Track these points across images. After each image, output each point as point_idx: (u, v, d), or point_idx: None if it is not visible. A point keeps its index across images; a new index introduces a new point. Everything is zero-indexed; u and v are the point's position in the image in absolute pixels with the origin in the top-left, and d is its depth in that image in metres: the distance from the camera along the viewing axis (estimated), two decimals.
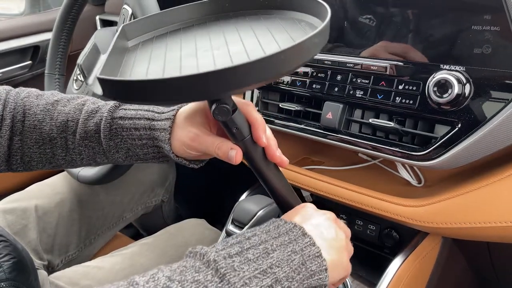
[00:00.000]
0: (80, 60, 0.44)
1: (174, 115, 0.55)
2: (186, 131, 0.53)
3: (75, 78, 1.01)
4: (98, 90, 0.40)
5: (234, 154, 0.49)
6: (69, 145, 0.61)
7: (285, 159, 0.53)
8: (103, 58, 0.47)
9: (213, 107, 0.45)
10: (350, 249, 0.53)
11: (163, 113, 0.57)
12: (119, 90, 0.38)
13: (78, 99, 0.63)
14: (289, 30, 0.47)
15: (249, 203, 0.72)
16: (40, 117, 0.61)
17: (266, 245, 0.42)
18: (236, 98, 0.50)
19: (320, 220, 0.50)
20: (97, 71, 0.44)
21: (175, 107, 0.57)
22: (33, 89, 0.66)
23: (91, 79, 0.43)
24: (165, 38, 0.55)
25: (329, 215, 0.52)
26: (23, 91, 0.64)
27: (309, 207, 0.53)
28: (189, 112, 0.55)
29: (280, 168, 0.55)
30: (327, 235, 0.48)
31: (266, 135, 0.50)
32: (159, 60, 0.47)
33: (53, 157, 0.62)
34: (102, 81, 0.38)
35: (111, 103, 0.60)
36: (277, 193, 0.55)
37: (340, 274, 0.48)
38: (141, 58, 0.49)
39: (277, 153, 0.51)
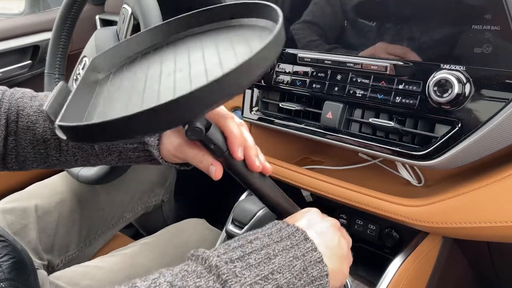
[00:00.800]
0: (46, 105, 0.43)
1: None
2: (171, 139, 0.54)
3: (75, 77, 1.01)
4: (62, 135, 0.39)
5: (214, 170, 0.50)
6: (63, 147, 0.61)
7: (267, 167, 0.53)
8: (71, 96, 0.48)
9: (185, 128, 0.45)
10: (350, 259, 0.53)
11: None
12: (80, 135, 0.38)
13: None
14: (249, 38, 0.47)
15: (249, 203, 0.72)
16: (34, 118, 0.61)
17: (268, 250, 0.42)
18: (215, 110, 0.50)
19: (324, 227, 0.49)
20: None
21: None
22: (28, 90, 0.65)
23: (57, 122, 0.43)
24: (135, 63, 0.55)
25: (333, 221, 0.52)
26: (18, 91, 0.64)
27: (314, 212, 0.52)
28: None
29: (282, 168, 0.55)
30: (331, 242, 0.48)
31: (243, 147, 0.50)
32: (125, 94, 0.47)
33: (47, 157, 0.62)
34: (62, 128, 0.38)
35: None
36: (268, 200, 0.55)
37: (339, 283, 0.48)
38: (110, 93, 0.49)
39: (256, 163, 0.51)
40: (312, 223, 0.49)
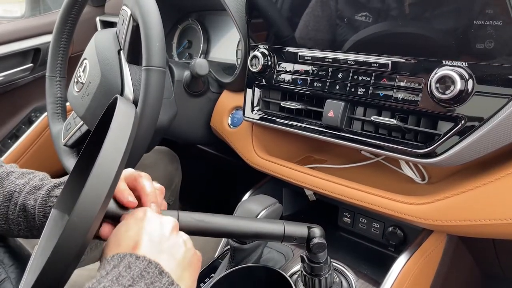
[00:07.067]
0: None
1: None
2: None
3: (75, 80, 1.00)
4: None
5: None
6: (9, 215, 0.64)
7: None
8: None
9: None
10: (197, 258, 0.48)
11: None
12: None
13: (31, 174, 0.66)
14: None
15: (251, 203, 0.71)
16: None
17: None
18: (130, 176, 0.54)
19: (169, 239, 0.46)
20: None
21: None
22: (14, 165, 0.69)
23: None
24: None
25: (172, 225, 0.48)
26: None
27: (150, 220, 0.47)
28: None
29: (284, 167, 0.55)
30: (181, 258, 0.45)
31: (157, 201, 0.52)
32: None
33: None
34: None
35: (55, 181, 0.64)
36: (250, 234, 0.56)
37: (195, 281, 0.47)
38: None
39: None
40: (156, 241, 0.45)
